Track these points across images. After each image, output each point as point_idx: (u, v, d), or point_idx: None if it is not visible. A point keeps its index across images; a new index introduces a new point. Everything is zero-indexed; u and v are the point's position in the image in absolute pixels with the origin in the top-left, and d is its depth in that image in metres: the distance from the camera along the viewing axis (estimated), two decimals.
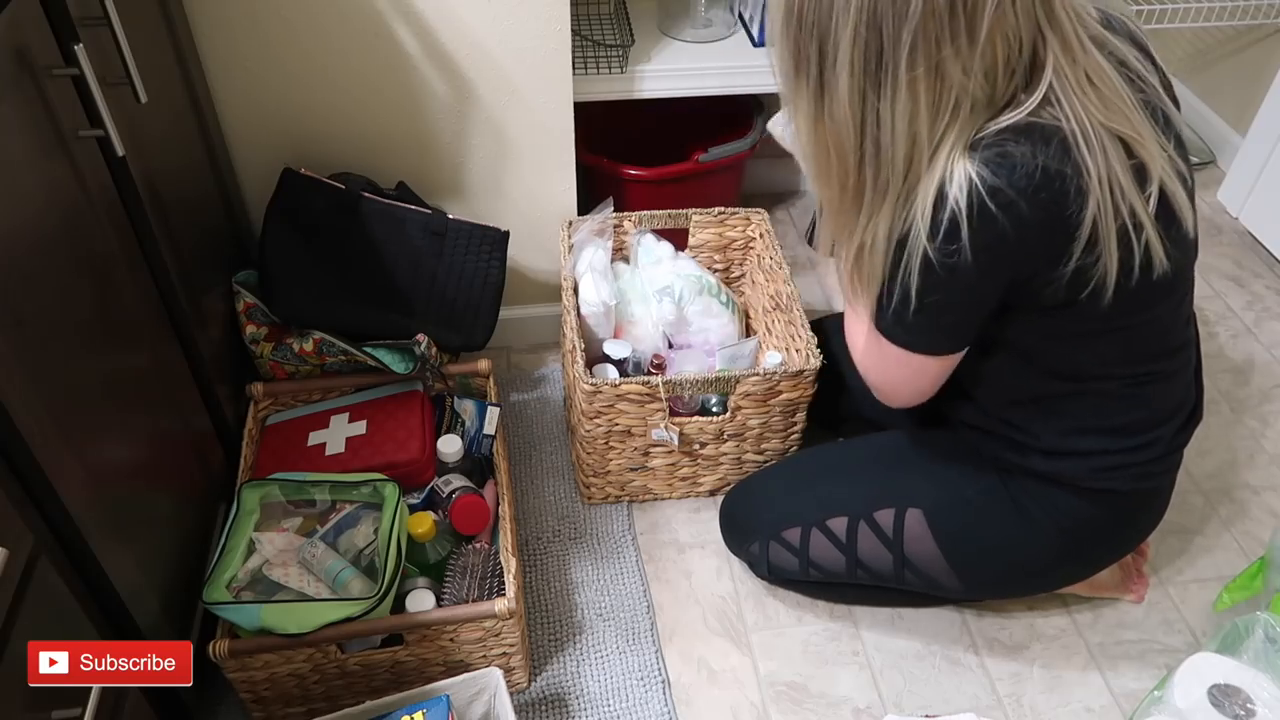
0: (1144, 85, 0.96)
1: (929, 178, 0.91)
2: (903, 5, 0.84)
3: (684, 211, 1.58)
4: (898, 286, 0.97)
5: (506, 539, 1.22)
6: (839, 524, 1.23)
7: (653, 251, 1.55)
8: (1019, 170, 0.87)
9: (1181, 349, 1.09)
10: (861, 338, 1.12)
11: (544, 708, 1.24)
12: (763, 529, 1.30)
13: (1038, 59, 0.89)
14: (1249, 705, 1.00)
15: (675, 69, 1.62)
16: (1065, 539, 1.15)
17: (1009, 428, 1.11)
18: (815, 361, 1.34)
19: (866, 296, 1.04)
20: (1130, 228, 0.91)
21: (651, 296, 1.49)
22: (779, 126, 1.29)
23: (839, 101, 0.90)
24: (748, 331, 1.64)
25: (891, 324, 1.01)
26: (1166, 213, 0.94)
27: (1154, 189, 0.91)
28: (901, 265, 0.95)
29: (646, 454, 1.41)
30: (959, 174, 0.89)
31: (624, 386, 1.31)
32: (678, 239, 1.61)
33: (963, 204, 0.88)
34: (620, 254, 1.60)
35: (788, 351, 1.47)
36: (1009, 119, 0.89)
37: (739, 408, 1.36)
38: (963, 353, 1.05)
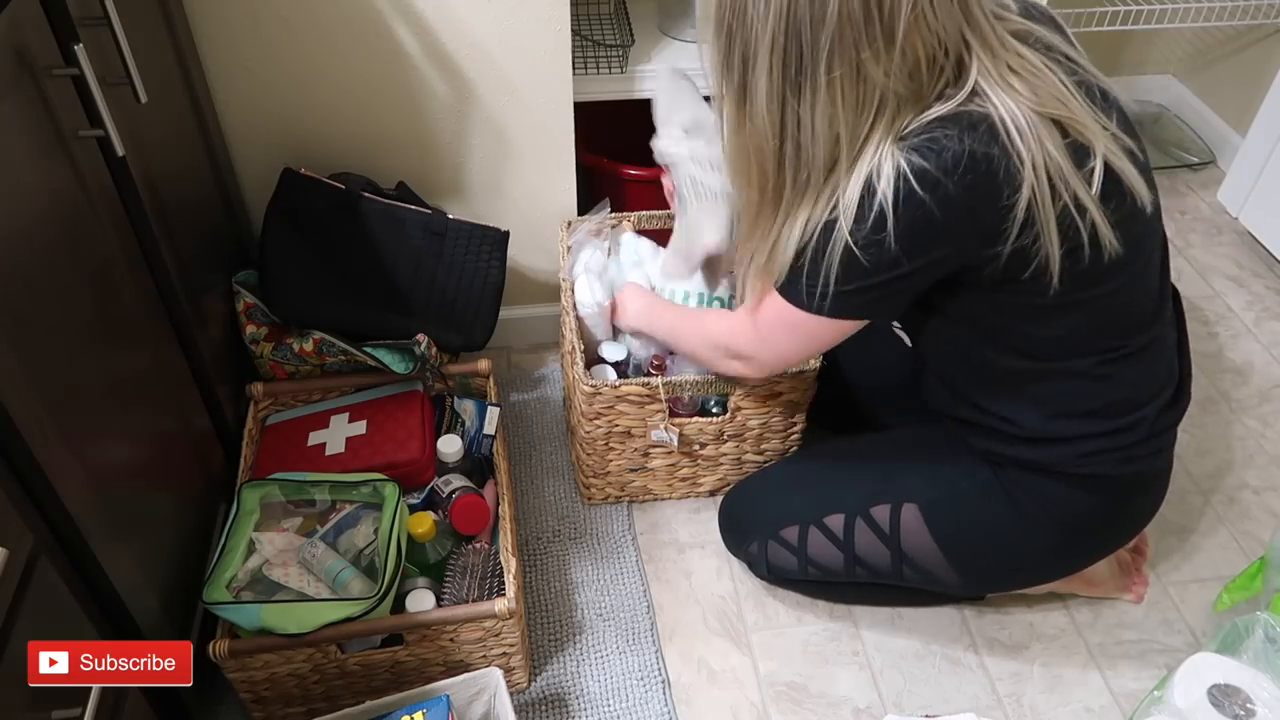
0: (1076, 66, 0.97)
1: (855, 172, 0.93)
2: (819, 11, 0.86)
3: None
4: (821, 270, 0.98)
5: (506, 539, 1.22)
6: (836, 521, 1.23)
7: (634, 250, 1.53)
8: (946, 153, 0.89)
9: (1153, 323, 1.08)
10: (722, 315, 1.20)
11: (544, 708, 1.24)
12: (761, 528, 1.30)
13: (962, 59, 0.91)
14: (1249, 705, 1.00)
15: (675, 69, 1.62)
16: (1059, 528, 1.15)
17: (991, 417, 1.11)
18: (815, 362, 1.34)
19: (766, 289, 1.07)
20: (1073, 211, 0.91)
21: None
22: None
23: (759, 106, 0.93)
24: None
25: (805, 294, 1.02)
26: (1116, 190, 0.94)
27: (1095, 164, 0.92)
28: (826, 251, 0.97)
29: (646, 455, 1.41)
30: (887, 166, 0.90)
31: (624, 388, 1.31)
32: None
33: (889, 192, 0.90)
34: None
35: None
36: (937, 110, 0.91)
37: (739, 408, 1.36)
38: (851, 325, 1.05)
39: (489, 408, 1.41)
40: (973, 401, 1.13)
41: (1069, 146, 0.91)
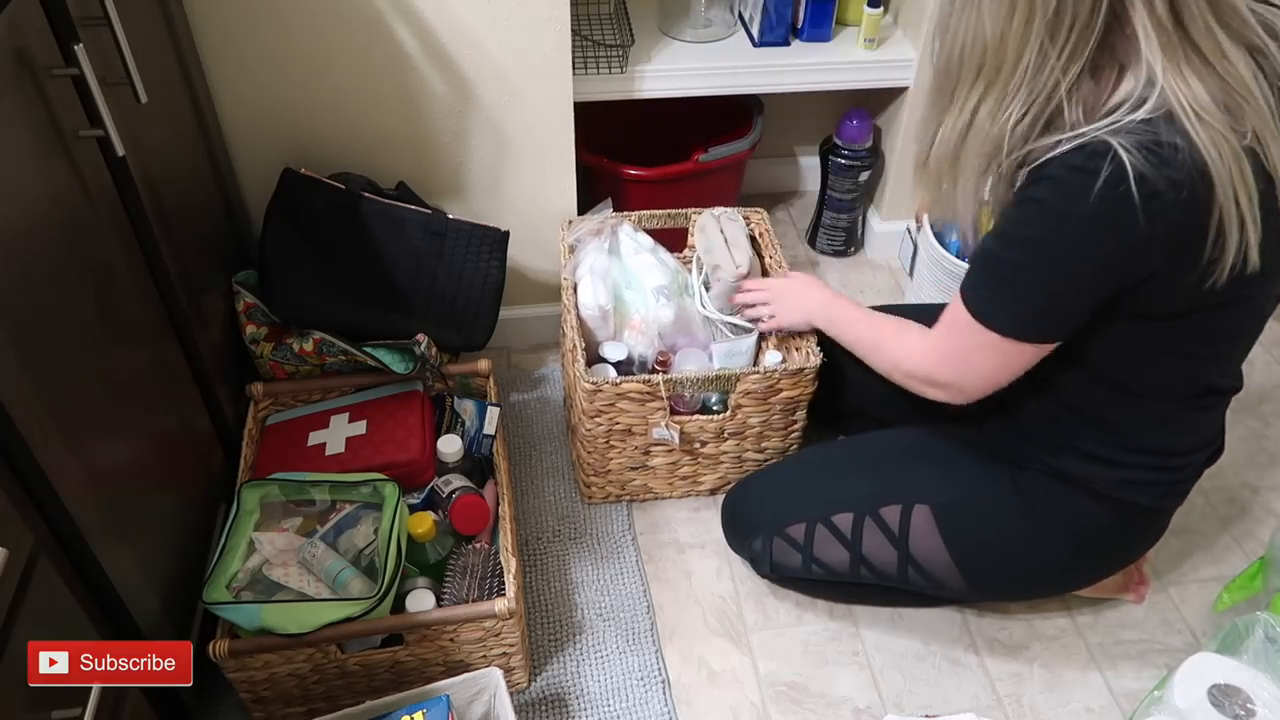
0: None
1: (1055, 129, 0.90)
2: None
3: (684, 211, 1.58)
4: (998, 254, 0.96)
5: (506, 539, 1.22)
6: (844, 520, 1.22)
7: (634, 240, 1.53)
8: (1170, 165, 0.84)
9: (1234, 388, 1.10)
10: (912, 338, 1.13)
11: (544, 708, 1.24)
12: (766, 525, 1.29)
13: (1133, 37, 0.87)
14: (1249, 705, 1.00)
15: (675, 69, 1.62)
16: (1077, 545, 1.15)
17: (1055, 425, 1.10)
18: (815, 359, 1.34)
19: (960, 189, 1.00)
20: (1244, 246, 0.88)
21: (650, 295, 1.49)
22: None
23: None
24: None
25: (984, 300, 0.99)
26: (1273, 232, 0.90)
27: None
28: (1006, 232, 0.95)
29: (647, 453, 1.41)
30: (1101, 148, 0.85)
31: (624, 385, 1.31)
32: (677, 239, 1.61)
33: (1097, 183, 0.85)
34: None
35: (788, 350, 1.47)
36: (1148, 111, 0.86)
37: (739, 406, 1.36)
38: (1050, 347, 1.00)
39: (489, 408, 1.41)
40: (1032, 413, 1.11)
41: (1256, 172, 0.87)
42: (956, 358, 1.06)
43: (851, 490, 1.24)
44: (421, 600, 1.15)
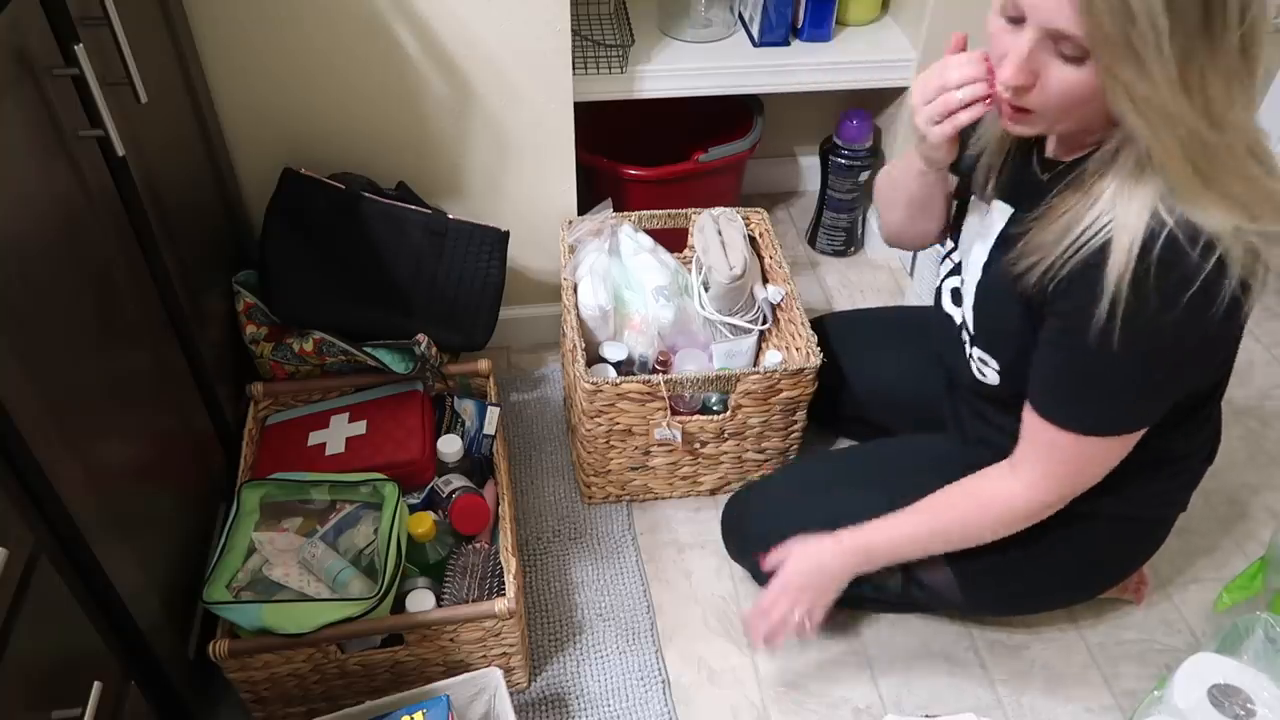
0: None
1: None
2: None
3: (684, 211, 1.58)
4: (1079, 373, 0.92)
5: (506, 539, 1.22)
6: None
7: (634, 241, 1.53)
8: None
9: (1221, 394, 1.09)
10: (1000, 489, 1.05)
11: (544, 708, 1.24)
12: (767, 540, 1.26)
13: None
14: (1249, 705, 1.00)
15: (675, 69, 1.63)
16: (1079, 562, 1.15)
17: None
18: (815, 360, 1.34)
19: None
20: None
21: (650, 295, 1.49)
22: None
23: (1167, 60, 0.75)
24: None
25: (1090, 415, 0.95)
26: None
27: None
28: (1073, 361, 0.91)
29: (647, 453, 1.41)
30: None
31: (624, 385, 1.31)
32: (677, 239, 1.61)
33: (1154, 266, 0.83)
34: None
35: (788, 350, 1.47)
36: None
37: (739, 406, 1.36)
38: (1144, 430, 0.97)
39: (489, 408, 1.41)
40: None
41: None
42: (1070, 473, 1.01)
43: (854, 506, 1.17)
44: (421, 600, 1.15)
